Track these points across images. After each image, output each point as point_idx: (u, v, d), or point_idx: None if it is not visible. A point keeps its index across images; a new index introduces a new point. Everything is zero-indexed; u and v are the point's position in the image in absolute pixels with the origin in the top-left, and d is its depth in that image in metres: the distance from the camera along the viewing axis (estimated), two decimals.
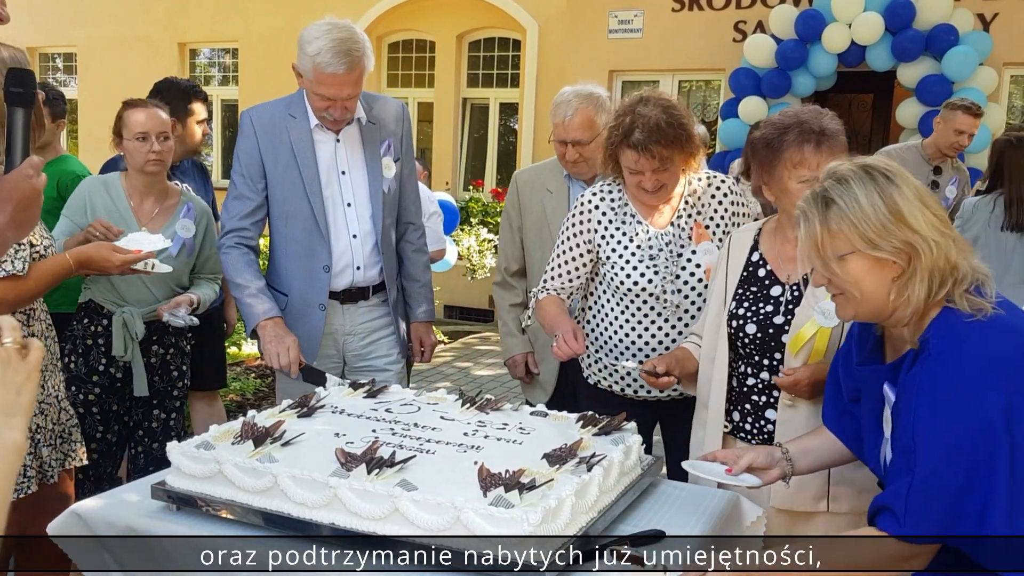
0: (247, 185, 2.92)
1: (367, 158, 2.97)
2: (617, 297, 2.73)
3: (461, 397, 2.43)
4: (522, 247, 3.38)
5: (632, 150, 2.54)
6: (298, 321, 2.93)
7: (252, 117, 2.95)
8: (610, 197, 2.74)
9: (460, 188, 10.44)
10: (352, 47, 2.73)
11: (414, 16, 10.29)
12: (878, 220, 1.62)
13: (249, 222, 2.92)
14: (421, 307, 3.19)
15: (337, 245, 2.94)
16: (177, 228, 3.21)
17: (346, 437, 2.08)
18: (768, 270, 2.38)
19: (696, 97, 9.45)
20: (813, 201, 1.69)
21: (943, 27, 7.30)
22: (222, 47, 11.72)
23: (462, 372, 7.32)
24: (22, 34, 12.33)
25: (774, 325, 2.31)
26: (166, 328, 3.22)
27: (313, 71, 2.74)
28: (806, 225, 1.70)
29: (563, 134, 3.07)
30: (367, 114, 2.97)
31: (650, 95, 2.61)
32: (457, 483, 1.82)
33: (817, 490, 2.26)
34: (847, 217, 1.64)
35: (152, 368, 3.24)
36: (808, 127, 2.23)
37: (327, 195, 2.92)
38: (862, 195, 1.64)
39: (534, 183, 3.35)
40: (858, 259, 1.65)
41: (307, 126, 2.91)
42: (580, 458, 1.94)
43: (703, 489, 2.24)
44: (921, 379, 1.63)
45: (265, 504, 1.85)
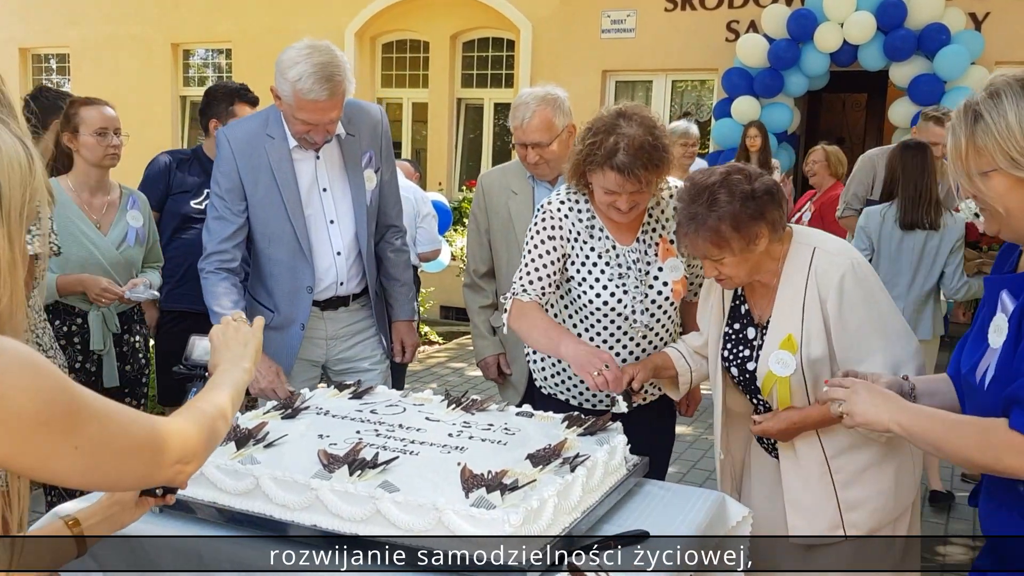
0: (227, 207, 2.86)
1: (348, 174, 2.93)
2: (582, 315, 2.62)
3: (447, 398, 2.42)
4: (490, 249, 3.37)
5: (616, 172, 2.36)
6: (277, 334, 2.91)
7: (229, 137, 2.88)
8: (577, 208, 2.59)
9: (455, 189, 10.43)
10: (334, 72, 2.65)
11: (408, 16, 10.27)
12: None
13: (230, 244, 2.87)
14: (402, 307, 3.18)
15: (321, 264, 2.92)
16: (128, 219, 3.36)
17: (330, 438, 2.08)
18: (747, 309, 2.37)
19: (689, 97, 9.45)
20: (964, 114, 1.60)
21: (935, 26, 7.31)
22: (215, 47, 11.69)
23: (456, 373, 7.31)
24: (15, 35, 12.33)
25: (748, 371, 2.32)
26: (132, 317, 3.45)
27: (294, 96, 2.67)
28: (953, 138, 1.62)
29: (522, 136, 3.05)
30: (345, 127, 2.91)
31: (630, 110, 2.44)
32: (440, 484, 1.82)
33: (830, 519, 2.23)
34: (992, 134, 1.55)
35: (123, 357, 3.41)
36: (686, 216, 2.17)
37: (309, 214, 2.89)
38: (1011, 112, 1.54)
39: (499, 185, 3.32)
40: (1001, 177, 1.57)
41: (286, 146, 2.85)
42: (564, 458, 1.94)
43: (689, 489, 2.24)
44: None
45: (247, 506, 1.85)
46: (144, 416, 1.18)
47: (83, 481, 1.12)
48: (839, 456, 2.21)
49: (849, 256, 2.21)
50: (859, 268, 2.18)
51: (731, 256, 2.14)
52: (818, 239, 2.27)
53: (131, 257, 3.36)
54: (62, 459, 1.05)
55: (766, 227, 2.13)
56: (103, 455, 1.10)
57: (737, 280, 2.24)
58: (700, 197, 2.13)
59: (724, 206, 2.09)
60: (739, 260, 2.15)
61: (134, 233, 3.36)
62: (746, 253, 2.14)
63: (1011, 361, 1.61)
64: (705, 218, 2.11)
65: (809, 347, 2.19)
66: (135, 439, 1.14)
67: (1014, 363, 1.59)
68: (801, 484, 2.25)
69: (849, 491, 2.22)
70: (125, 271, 3.33)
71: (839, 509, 2.22)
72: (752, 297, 2.34)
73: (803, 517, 2.24)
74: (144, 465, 1.17)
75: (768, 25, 7.92)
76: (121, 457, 1.13)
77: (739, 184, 2.12)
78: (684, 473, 4.88)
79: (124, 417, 1.13)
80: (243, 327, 1.60)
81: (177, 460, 1.21)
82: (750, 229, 2.11)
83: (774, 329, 2.24)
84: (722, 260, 2.16)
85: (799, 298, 2.20)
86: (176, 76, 11.63)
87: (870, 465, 2.21)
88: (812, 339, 2.18)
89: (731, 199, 2.10)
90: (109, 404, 1.12)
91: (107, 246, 3.29)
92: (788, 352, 2.20)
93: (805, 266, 2.20)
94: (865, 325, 2.15)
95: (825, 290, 2.16)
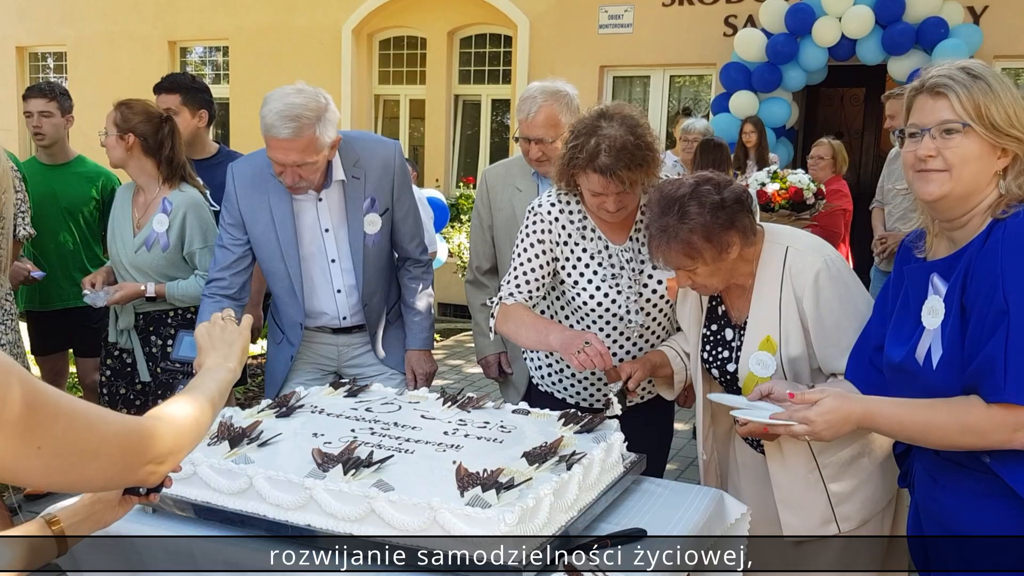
0: (230, 238, 2.94)
1: (349, 217, 2.92)
2: (577, 316, 2.62)
3: (443, 396, 2.41)
4: (493, 245, 3.35)
5: (599, 174, 2.34)
6: (281, 351, 3.06)
7: (235, 173, 2.92)
8: (568, 209, 2.57)
9: (452, 185, 10.41)
10: (302, 113, 2.62)
11: (405, 13, 10.25)
12: (1015, 110, 1.67)
13: (228, 273, 2.93)
14: (415, 336, 3.15)
15: (320, 300, 2.97)
16: (154, 223, 3.31)
17: (324, 437, 2.06)
18: (723, 310, 2.36)
19: (687, 92, 9.43)
20: (966, 74, 1.70)
21: (933, 20, 7.29)
22: (213, 44, 11.67)
23: (454, 370, 7.30)
24: (12, 34, 12.30)
25: (729, 372, 2.32)
26: (163, 320, 3.35)
27: (264, 133, 2.69)
28: (948, 87, 1.70)
29: (526, 131, 3.03)
30: (349, 170, 2.88)
31: (612, 110, 2.41)
32: (435, 483, 1.80)
33: (821, 515, 2.23)
34: (996, 96, 1.67)
35: (154, 358, 3.36)
36: (657, 228, 2.16)
37: (310, 252, 2.91)
38: (1006, 87, 1.69)
39: (504, 180, 3.30)
40: (973, 138, 1.67)
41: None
42: (560, 456, 1.93)
43: (686, 487, 2.23)
44: (1003, 241, 1.63)
45: (240, 506, 1.83)
46: (115, 415, 1.15)
47: (48, 482, 1.08)
48: (825, 451, 2.21)
49: (822, 253, 2.21)
50: (832, 264, 2.19)
51: (704, 266, 2.15)
52: (790, 237, 2.27)
53: (148, 261, 3.31)
54: (25, 460, 1.01)
55: (737, 235, 2.14)
56: (69, 455, 1.05)
57: (712, 288, 2.25)
58: (670, 210, 2.12)
59: (695, 218, 2.09)
60: (712, 269, 2.16)
61: (154, 237, 3.30)
62: (719, 262, 2.15)
63: (960, 340, 1.67)
64: (677, 231, 2.11)
65: (788, 347, 2.20)
66: (103, 439, 1.10)
67: (965, 342, 1.66)
68: (790, 482, 2.25)
69: (838, 484, 2.22)
70: (141, 274, 3.31)
71: (830, 504, 2.22)
72: (728, 298, 2.34)
73: (796, 515, 2.24)
74: (114, 465, 1.13)
75: (766, 19, 7.89)
76: (88, 457, 1.09)
77: (709, 195, 2.11)
78: (682, 470, 4.87)
79: (92, 416, 1.10)
80: (230, 326, 1.59)
81: (150, 460, 1.18)
82: (721, 239, 2.11)
83: (752, 330, 2.25)
84: (695, 270, 2.17)
85: (775, 298, 2.20)
86: None
87: (856, 456, 2.22)
88: (790, 338, 2.19)
89: (701, 210, 2.10)
90: (76, 402, 1.08)
91: (128, 246, 3.32)
92: (768, 353, 2.21)
93: (779, 266, 2.20)
94: (843, 321, 2.15)
95: (800, 289, 2.17)
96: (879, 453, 2.23)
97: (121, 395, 3.40)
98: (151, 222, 3.30)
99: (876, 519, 2.26)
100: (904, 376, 1.79)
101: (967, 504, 1.76)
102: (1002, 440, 1.63)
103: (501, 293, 2.64)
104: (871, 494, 2.23)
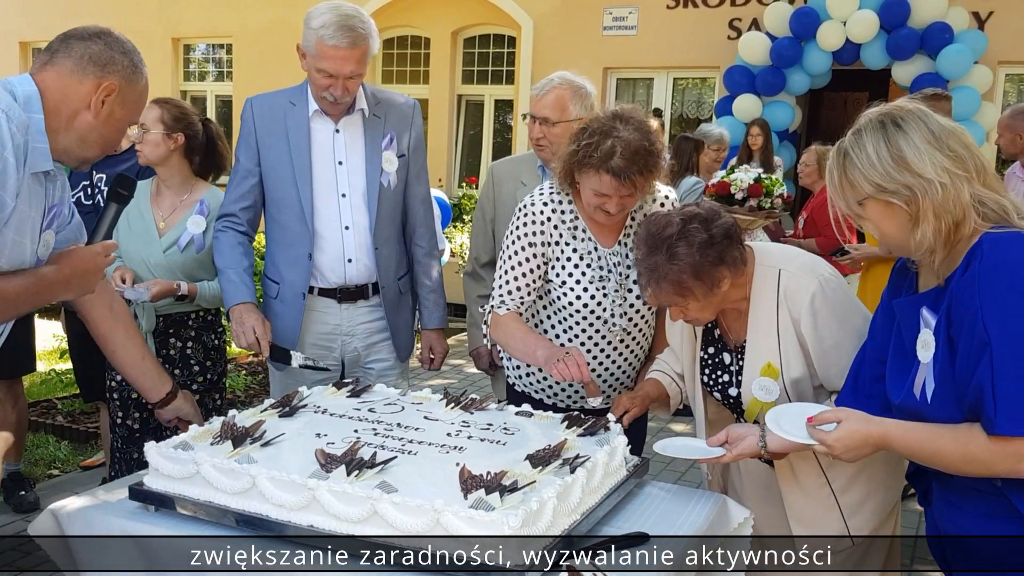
0: (243, 172, 2.95)
1: (367, 150, 2.93)
2: (560, 316, 2.62)
3: (445, 396, 2.41)
4: (494, 238, 3.34)
5: (611, 176, 2.34)
6: (288, 309, 2.95)
7: (253, 104, 2.97)
8: (560, 209, 2.57)
9: (455, 185, 10.41)
10: (357, 24, 2.73)
11: (409, 13, 10.25)
12: (882, 167, 1.71)
13: (238, 207, 2.95)
14: (431, 314, 3.15)
15: (327, 235, 2.91)
16: (188, 224, 3.28)
17: (327, 437, 2.06)
18: (719, 333, 2.35)
19: (691, 94, 9.43)
20: (837, 154, 1.80)
21: (938, 25, 7.29)
22: (216, 42, 11.67)
23: (455, 369, 7.29)
24: (15, 29, 12.30)
25: (731, 397, 2.32)
26: (184, 322, 3.32)
27: (316, 45, 2.73)
28: (830, 176, 1.82)
29: (534, 108, 3.04)
30: (371, 107, 2.95)
31: (627, 113, 2.42)
32: (438, 485, 1.80)
33: (835, 528, 2.22)
34: (856, 166, 1.74)
35: (172, 361, 3.29)
36: (646, 267, 2.15)
37: (319, 186, 2.90)
38: (870, 145, 1.73)
39: (510, 175, 3.30)
40: (873, 203, 1.74)
41: (305, 113, 2.90)
42: (564, 459, 1.92)
43: (689, 491, 2.22)
44: (980, 273, 1.63)
45: (243, 506, 1.82)
46: None
47: None
48: (835, 464, 2.20)
49: (816, 273, 2.19)
50: (827, 285, 2.17)
51: (695, 302, 2.15)
52: (781, 258, 2.25)
53: (180, 262, 3.26)
54: None
55: (727, 269, 2.13)
56: None
57: (704, 320, 2.25)
58: (659, 250, 2.11)
59: (684, 258, 2.08)
60: (703, 304, 2.16)
61: (188, 238, 3.25)
62: (710, 297, 2.14)
63: (951, 372, 1.68)
64: (666, 271, 2.10)
65: (789, 370, 2.19)
66: None
67: (955, 374, 1.67)
68: (802, 497, 2.25)
69: (848, 496, 2.22)
70: (168, 274, 3.24)
71: (842, 516, 2.22)
72: (724, 321, 2.33)
73: (809, 529, 2.23)
74: None
75: (770, 23, 7.90)
76: None
77: (697, 233, 2.10)
78: (682, 473, 4.87)
79: None
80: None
81: None
82: (712, 275, 2.11)
83: (751, 355, 2.24)
84: (687, 306, 2.17)
85: (772, 322, 2.19)
86: (176, 71, 11.61)
87: (864, 465, 2.20)
88: (791, 362, 2.19)
89: (690, 250, 2.09)
90: None
91: (154, 246, 3.26)
92: (770, 379, 2.21)
93: (773, 289, 2.19)
94: (842, 341, 2.14)
95: (797, 312, 2.16)
96: (884, 459, 2.22)
97: (134, 399, 3.30)
98: (183, 222, 3.27)
99: (885, 527, 2.27)
100: (905, 414, 1.80)
101: (982, 527, 1.75)
102: (1006, 470, 1.63)
103: (492, 302, 2.64)
104: (880, 500, 2.24)
